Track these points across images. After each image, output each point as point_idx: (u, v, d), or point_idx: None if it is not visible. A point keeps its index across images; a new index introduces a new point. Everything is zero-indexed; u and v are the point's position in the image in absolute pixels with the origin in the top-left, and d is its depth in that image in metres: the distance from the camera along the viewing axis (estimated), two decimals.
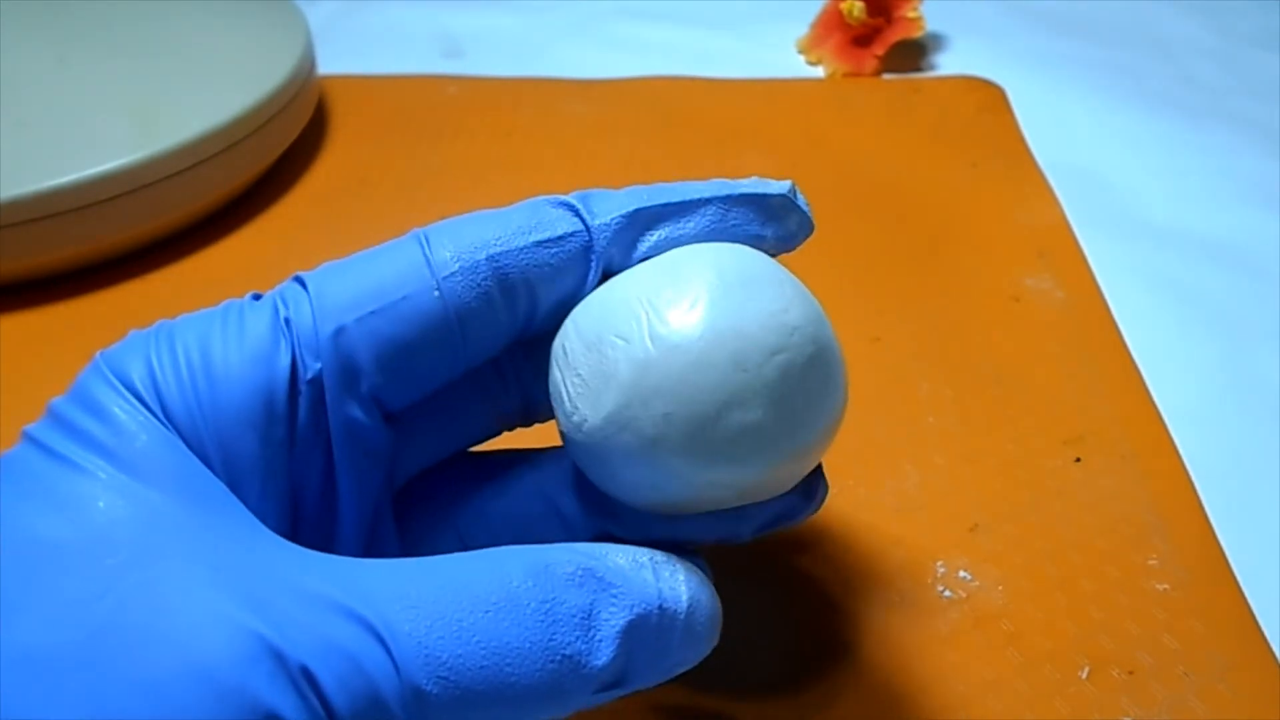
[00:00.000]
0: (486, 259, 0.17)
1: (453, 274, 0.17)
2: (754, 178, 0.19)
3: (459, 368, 0.18)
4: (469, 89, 0.46)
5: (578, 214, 0.18)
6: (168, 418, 0.16)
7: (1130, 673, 0.23)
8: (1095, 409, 0.30)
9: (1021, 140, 0.43)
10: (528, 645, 0.15)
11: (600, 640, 0.16)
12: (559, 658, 0.15)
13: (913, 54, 0.49)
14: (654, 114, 0.44)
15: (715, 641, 0.17)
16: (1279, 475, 0.28)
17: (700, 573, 0.17)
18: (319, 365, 0.17)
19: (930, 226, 0.38)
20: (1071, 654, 0.23)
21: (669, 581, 0.17)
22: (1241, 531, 0.26)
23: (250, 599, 0.14)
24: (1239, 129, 0.44)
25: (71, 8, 0.42)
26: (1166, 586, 0.25)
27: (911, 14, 0.47)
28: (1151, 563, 0.25)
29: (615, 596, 0.16)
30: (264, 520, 0.16)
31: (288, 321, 0.17)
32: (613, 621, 0.16)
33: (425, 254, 0.17)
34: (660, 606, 0.16)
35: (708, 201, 0.19)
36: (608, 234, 0.18)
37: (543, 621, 0.15)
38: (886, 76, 0.48)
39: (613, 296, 0.18)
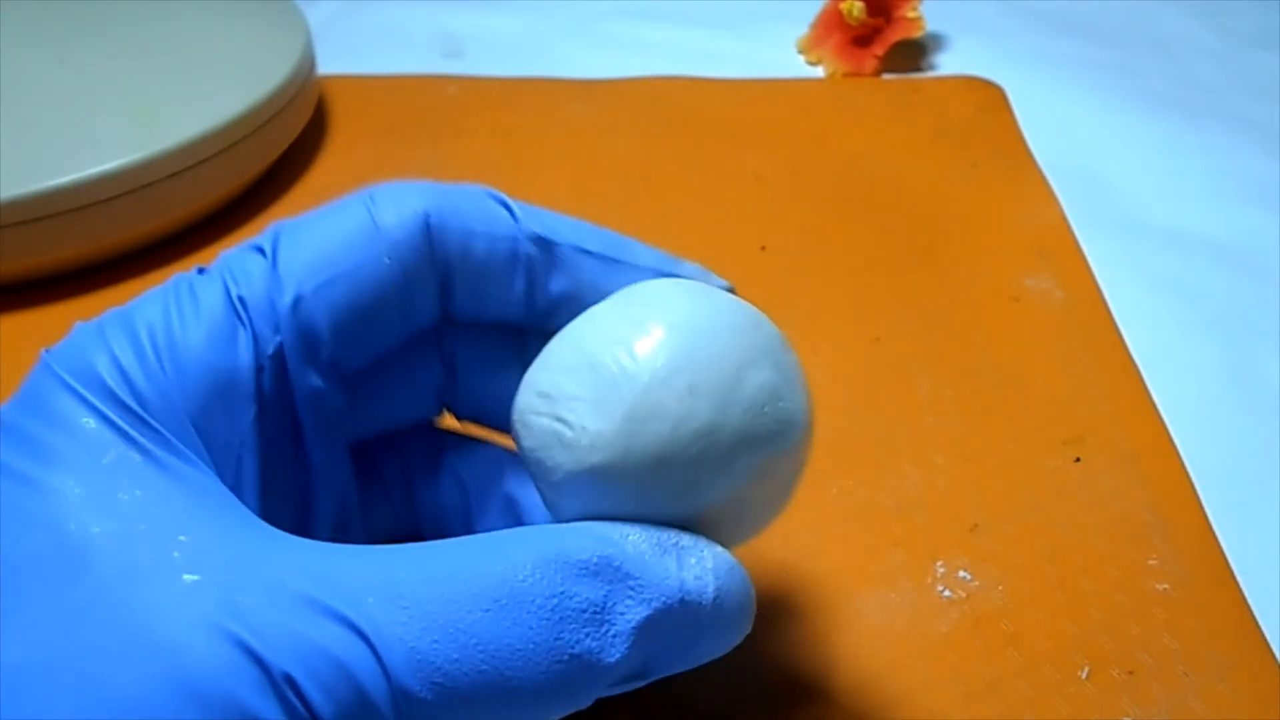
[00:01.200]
0: (425, 224, 0.18)
1: (398, 240, 0.18)
2: (697, 264, 0.21)
3: (406, 331, 0.19)
4: (469, 89, 0.46)
5: (510, 210, 0.19)
6: (143, 407, 0.15)
7: (1130, 673, 0.23)
8: (1095, 409, 0.30)
9: (1021, 140, 0.43)
10: (531, 646, 0.14)
11: (614, 637, 0.15)
12: (566, 657, 0.14)
13: (913, 54, 0.49)
14: (654, 114, 0.44)
15: (748, 628, 0.17)
16: (1279, 475, 0.28)
17: (730, 557, 0.16)
18: (279, 339, 0.17)
19: (930, 226, 0.38)
20: (1071, 654, 0.23)
21: (694, 570, 0.16)
22: (1241, 531, 0.26)
23: (231, 606, 0.14)
24: (1239, 129, 0.44)
25: (71, 8, 0.42)
26: (1166, 586, 0.25)
27: (911, 14, 0.47)
28: (1151, 563, 0.25)
29: (633, 589, 0.15)
30: (241, 500, 0.16)
31: (241, 299, 0.17)
32: (628, 616, 0.15)
33: (372, 216, 0.18)
34: (683, 600, 0.15)
35: (640, 270, 0.19)
36: (531, 236, 0.19)
37: (549, 618, 0.14)
38: (886, 76, 0.48)
39: (577, 332, 0.17)
